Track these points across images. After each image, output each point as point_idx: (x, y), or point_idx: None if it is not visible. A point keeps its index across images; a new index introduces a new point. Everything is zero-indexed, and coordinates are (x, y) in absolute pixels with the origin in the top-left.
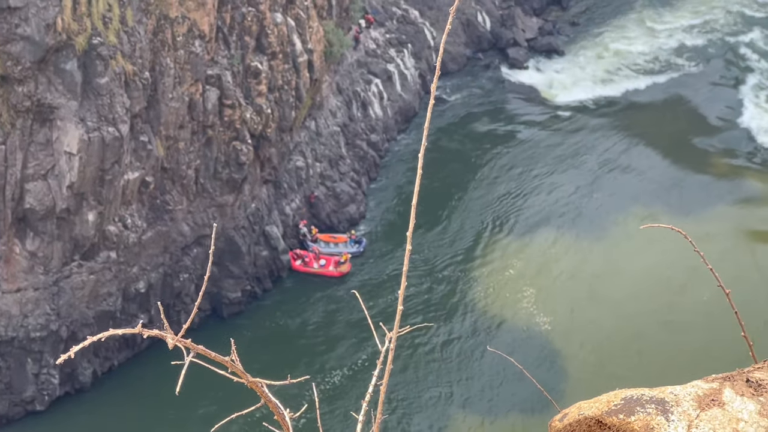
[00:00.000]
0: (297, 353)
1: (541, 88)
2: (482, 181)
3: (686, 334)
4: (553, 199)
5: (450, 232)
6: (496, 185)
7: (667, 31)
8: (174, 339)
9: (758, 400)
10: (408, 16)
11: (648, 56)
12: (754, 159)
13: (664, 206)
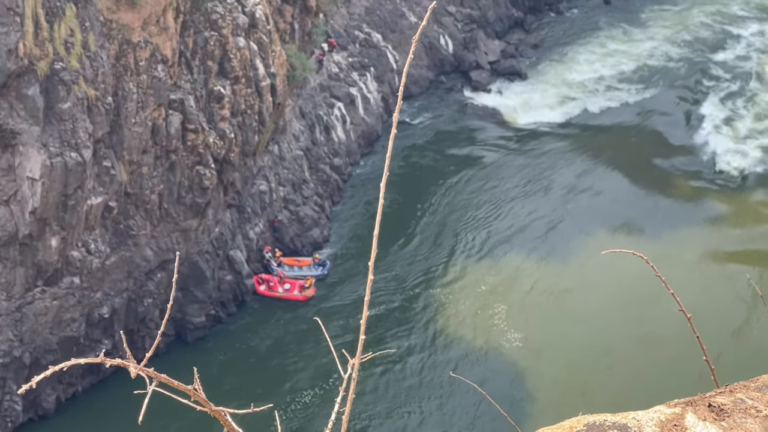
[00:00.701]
0: (262, 378)
1: (504, 110)
2: (447, 204)
3: (656, 348)
4: (517, 221)
5: (417, 253)
6: (461, 208)
7: (628, 54)
8: (137, 368)
9: (720, 425)
10: (371, 39)
11: (610, 79)
12: (715, 181)
13: (627, 228)
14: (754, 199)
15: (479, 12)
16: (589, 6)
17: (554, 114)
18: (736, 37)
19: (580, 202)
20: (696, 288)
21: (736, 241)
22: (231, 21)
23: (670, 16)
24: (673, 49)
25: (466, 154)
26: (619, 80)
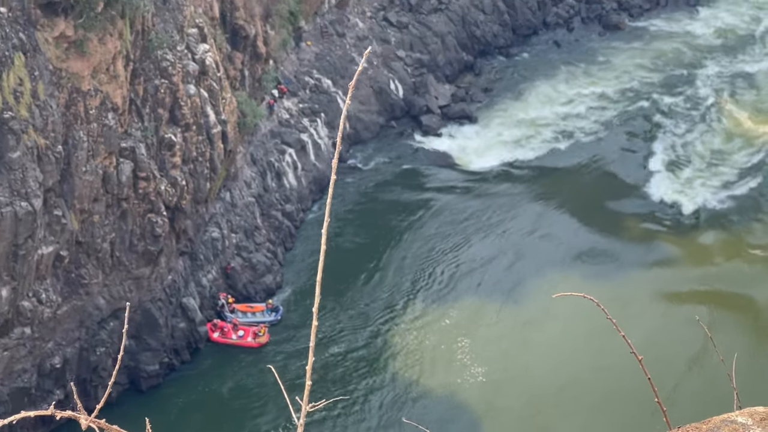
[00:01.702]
0: (216, 425)
1: (455, 154)
2: (402, 248)
3: (618, 378)
4: (472, 262)
5: (373, 294)
6: (416, 251)
7: (579, 96)
8: (87, 420)
9: None
10: (321, 85)
11: (560, 122)
12: (665, 222)
13: (580, 269)
14: (704, 239)
15: (429, 56)
16: (539, 49)
17: (506, 157)
18: (685, 78)
19: (533, 243)
20: (648, 328)
21: (686, 281)
22: (181, 68)
23: (620, 59)
24: (623, 91)
25: (419, 198)
26: (570, 122)
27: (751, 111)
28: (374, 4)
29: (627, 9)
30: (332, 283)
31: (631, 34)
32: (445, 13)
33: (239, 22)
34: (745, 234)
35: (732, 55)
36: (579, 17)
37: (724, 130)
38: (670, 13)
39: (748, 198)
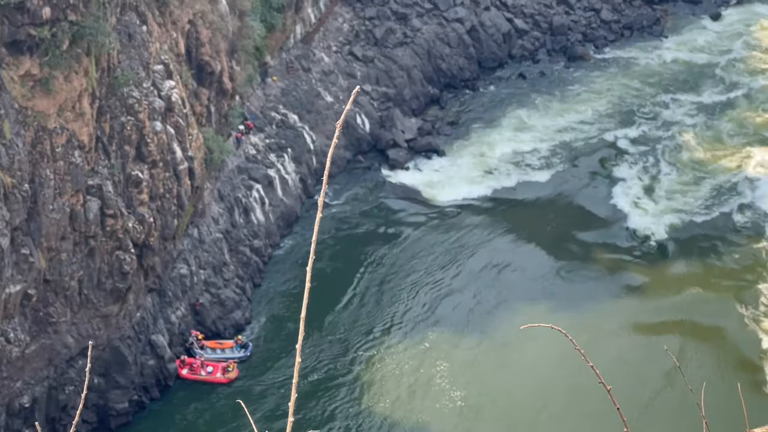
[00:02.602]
0: None
1: (423, 188)
2: (368, 283)
3: (593, 401)
4: (441, 296)
5: (342, 328)
6: (383, 287)
7: (546, 128)
8: None
9: None
10: (287, 120)
11: (528, 153)
12: (633, 252)
13: (549, 300)
14: (671, 268)
15: (395, 90)
16: (505, 82)
17: (473, 190)
18: (649, 109)
19: (502, 274)
20: (617, 357)
21: (655, 311)
22: (147, 105)
23: (585, 90)
24: (589, 123)
25: (387, 232)
26: (537, 154)
27: (715, 141)
28: (340, 39)
29: (592, 40)
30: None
31: (597, 65)
32: (411, 47)
33: (205, 58)
34: (711, 263)
35: (696, 86)
36: (544, 49)
37: (689, 160)
38: (635, 44)
39: (713, 227)
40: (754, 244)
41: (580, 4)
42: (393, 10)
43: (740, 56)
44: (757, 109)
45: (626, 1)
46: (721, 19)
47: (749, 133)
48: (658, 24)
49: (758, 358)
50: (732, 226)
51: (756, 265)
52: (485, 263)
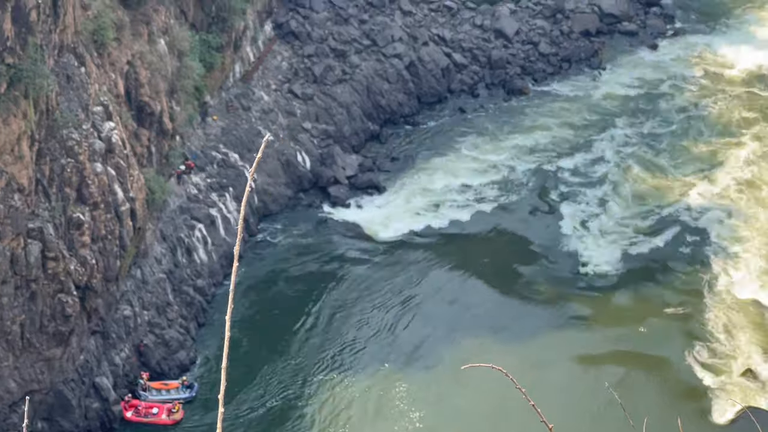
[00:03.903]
0: None
1: (364, 224)
2: (311, 321)
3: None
4: (384, 332)
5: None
6: (325, 325)
7: (487, 162)
8: None
9: None
10: (228, 159)
11: (469, 187)
12: (577, 284)
13: (493, 334)
14: (615, 299)
15: (335, 127)
16: (444, 116)
17: (415, 225)
18: (589, 141)
19: (446, 310)
20: (561, 392)
21: (599, 343)
22: (87, 147)
23: (525, 123)
24: (530, 155)
25: (329, 269)
26: (479, 188)
27: (656, 171)
28: (279, 77)
29: (531, 73)
30: (246, 356)
31: (536, 98)
32: (350, 84)
33: (144, 98)
34: (654, 293)
35: (635, 116)
36: (483, 83)
37: (631, 191)
38: (574, 77)
39: (655, 257)
40: (696, 274)
41: (518, 38)
42: (331, 47)
43: (678, 87)
44: (697, 139)
45: (564, 34)
46: (657, 50)
47: (689, 163)
48: (596, 56)
49: (699, 388)
50: (674, 255)
51: (697, 294)
52: (429, 298)
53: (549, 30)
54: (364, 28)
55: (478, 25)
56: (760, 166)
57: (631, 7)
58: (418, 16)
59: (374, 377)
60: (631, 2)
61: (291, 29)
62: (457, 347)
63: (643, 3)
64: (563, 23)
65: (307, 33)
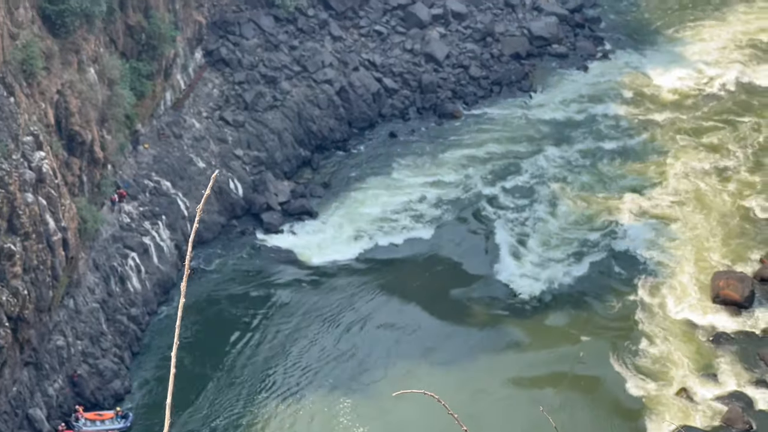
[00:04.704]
0: None
1: (298, 250)
2: (246, 349)
3: None
4: (318, 358)
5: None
6: (260, 353)
7: (418, 186)
8: None
9: None
10: (160, 188)
11: (401, 212)
12: (511, 306)
13: (427, 359)
14: (548, 321)
15: (267, 154)
16: (375, 142)
17: (348, 250)
18: (521, 163)
19: (380, 335)
20: (496, 414)
21: (534, 365)
22: (18, 177)
23: (457, 147)
24: (463, 179)
25: (264, 295)
26: (412, 212)
27: (587, 192)
28: (210, 104)
29: (462, 97)
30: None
31: (467, 122)
32: (281, 110)
33: (75, 128)
34: (586, 313)
35: (566, 138)
36: (414, 107)
37: (562, 213)
38: (505, 100)
39: (588, 278)
40: (629, 294)
41: (448, 62)
42: (262, 73)
43: (608, 108)
44: (627, 160)
45: (494, 57)
46: (587, 72)
47: (620, 183)
48: (526, 79)
49: (634, 408)
50: (607, 276)
51: (631, 314)
52: (364, 322)
53: (479, 53)
54: (294, 54)
55: (409, 49)
56: (689, 185)
57: (560, 29)
58: (348, 42)
59: (306, 404)
60: (561, 25)
61: (221, 56)
62: (392, 370)
63: (573, 25)
64: (493, 46)
65: (237, 60)
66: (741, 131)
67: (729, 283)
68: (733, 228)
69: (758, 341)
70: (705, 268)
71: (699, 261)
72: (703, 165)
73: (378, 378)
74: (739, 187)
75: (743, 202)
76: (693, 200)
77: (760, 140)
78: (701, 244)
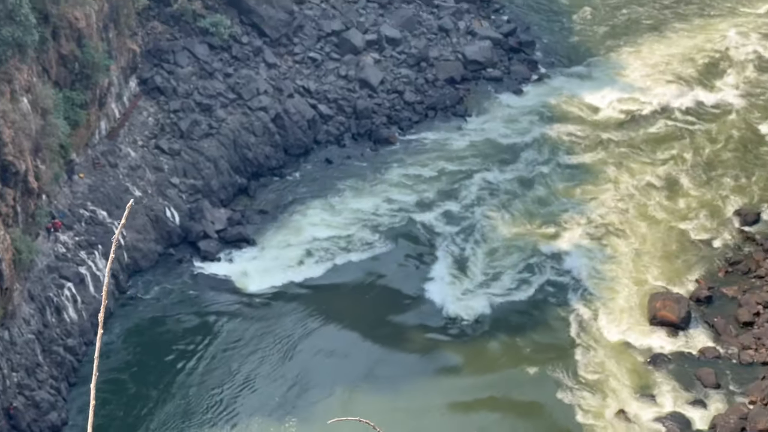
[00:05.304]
0: None
1: (235, 278)
2: (183, 377)
3: None
4: (258, 385)
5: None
6: (198, 381)
7: (354, 212)
8: None
9: None
10: (96, 217)
11: (338, 238)
12: (448, 331)
13: (366, 386)
14: (486, 346)
15: (203, 181)
16: (311, 168)
17: (286, 277)
18: (457, 188)
19: (318, 361)
20: None
21: (472, 390)
22: None
23: (393, 172)
24: (399, 204)
25: (201, 323)
26: (348, 238)
27: (523, 215)
28: (145, 133)
29: (397, 122)
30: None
31: (403, 147)
32: (217, 138)
33: (8, 158)
34: (524, 338)
35: (502, 162)
36: (350, 133)
37: (499, 238)
38: (440, 125)
39: (526, 300)
40: (565, 316)
41: (383, 87)
42: (197, 101)
43: (543, 131)
44: (563, 182)
45: (429, 82)
46: (522, 95)
47: (556, 208)
48: (461, 103)
49: (572, 430)
50: (543, 300)
51: (567, 336)
52: (301, 348)
53: (414, 78)
54: (229, 81)
55: (343, 75)
56: (626, 207)
57: (495, 53)
58: (283, 69)
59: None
60: (495, 49)
61: (156, 85)
62: (330, 396)
63: (507, 49)
64: (428, 71)
65: (172, 88)
66: (677, 152)
67: (666, 305)
68: (669, 249)
69: (695, 361)
70: (642, 289)
71: (636, 283)
72: (639, 186)
73: (315, 404)
74: (675, 208)
75: (679, 223)
76: (629, 222)
77: (696, 161)
78: (638, 266)
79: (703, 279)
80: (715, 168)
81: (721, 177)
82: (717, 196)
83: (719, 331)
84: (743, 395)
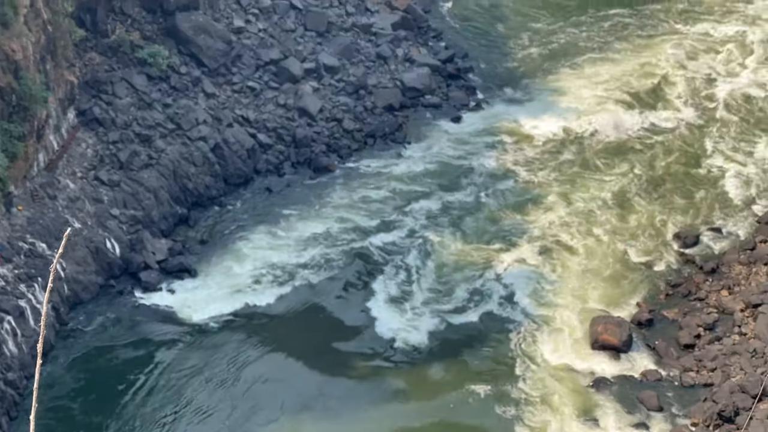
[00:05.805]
0: None
1: (177, 308)
2: (126, 411)
3: None
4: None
5: None
6: (140, 415)
7: (295, 241)
8: None
9: None
10: (35, 249)
11: (281, 267)
12: (391, 358)
13: (312, 413)
14: (430, 372)
15: (143, 212)
16: (251, 197)
17: (228, 306)
18: (398, 215)
19: (261, 390)
20: None
21: (415, 416)
22: None
23: (333, 200)
24: (339, 232)
25: (143, 355)
26: (290, 267)
27: (464, 241)
28: (84, 165)
29: (336, 150)
30: None
31: (342, 175)
32: (156, 168)
33: None
34: (468, 363)
35: (441, 189)
36: (289, 162)
37: (441, 264)
38: (379, 152)
39: (468, 327)
40: (507, 341)
41: (322, 115)
42: (136, 132)
43: (482, 157)
44: (503, 207)
45: (367, 109)
46: (461, 122)
47: (497, 232)
48: (400, 130)
49: None
50: (486, 325)
51: (509, 361)
52: (245, 378)
53: (353, 106)
54: (168, 111)
55: (282, 104)
56: (565, 231)
57: (433, 80)
58: (222, 98)
59: None
60: (434, 75)
61: (95, 116)
62: (274, 426)
63: (445, 76)
64: (366, 99)
65: (111, 119)
66: (617, 175)
67: (607, 328)
68: (610, 273)
69: (637, 384)
70: (583, 313)
71: (577, 307)
72: (579, 210)
73: (262, 430)
74: (614, 232)
75: (618, 246)
76: (569, 246)
77: (639, 182)
78: (579, 290)
79: (644, 302)
80: (657, 189)
81: (663, 198)
82: (658, 217)
83: (661, 354)
84: (686, 417)
